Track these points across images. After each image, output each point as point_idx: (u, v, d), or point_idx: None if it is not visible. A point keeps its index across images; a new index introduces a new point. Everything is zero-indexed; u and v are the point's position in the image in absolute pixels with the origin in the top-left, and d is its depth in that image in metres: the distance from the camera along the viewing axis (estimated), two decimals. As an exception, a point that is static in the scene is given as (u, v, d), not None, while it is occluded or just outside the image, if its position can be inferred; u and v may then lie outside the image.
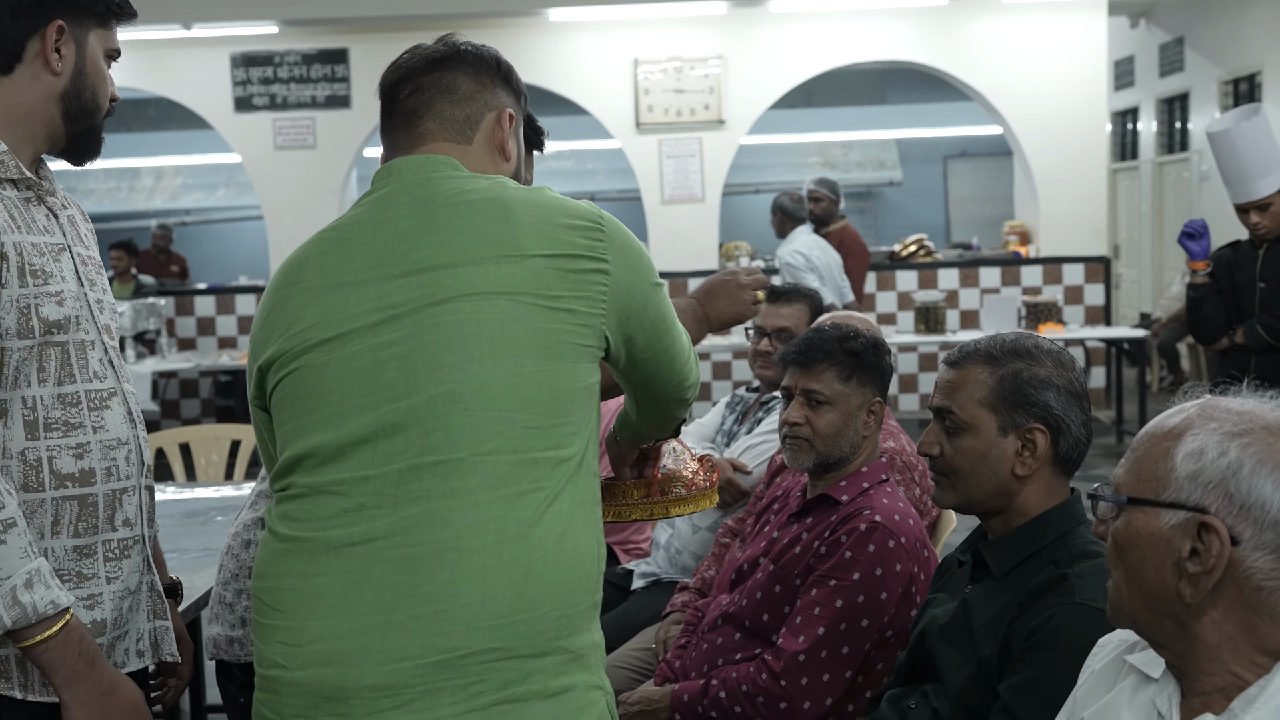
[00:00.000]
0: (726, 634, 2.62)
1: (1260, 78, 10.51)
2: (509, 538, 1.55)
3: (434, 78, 1.78)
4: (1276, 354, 4.64)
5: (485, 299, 1.59)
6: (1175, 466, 1.35)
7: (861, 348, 2.61)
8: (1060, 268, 10.13)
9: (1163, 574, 1.35)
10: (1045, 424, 1.93)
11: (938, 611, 2.02)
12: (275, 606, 1.61)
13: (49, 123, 1.87)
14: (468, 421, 1.56)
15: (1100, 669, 1.55)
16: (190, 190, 16.50)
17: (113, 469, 1.84)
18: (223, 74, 10.10)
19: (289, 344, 1.66)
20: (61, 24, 1.84)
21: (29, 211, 1.83)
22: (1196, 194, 11.76)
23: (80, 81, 1.87)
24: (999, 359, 1.96)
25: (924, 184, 17.36)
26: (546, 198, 1.70)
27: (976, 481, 1.96)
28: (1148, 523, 1.36)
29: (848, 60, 10.16)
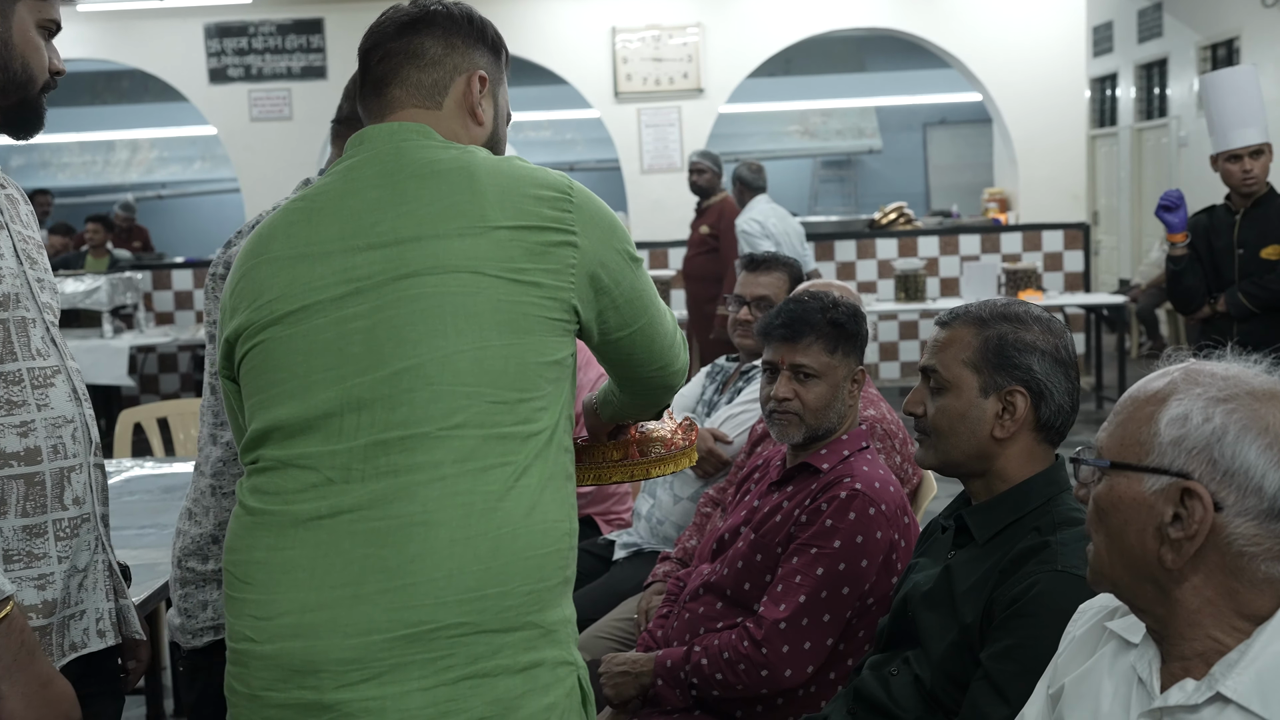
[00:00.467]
0: (708, 603, 2.62)
1: (1238, 43, 10.51)
2: (476, 512, 1.55)
3: (402, 43, 1.75)
4: (1259, 320, 4.65)
5: (450, 274, 1.58)
6: (1159, 431, 1.34)
7: (844, 317, 2.60)
8: (1040, 235, 10.15)
9: (1144, 539, 1.35)
10: (1026, 387, 1.93)
11: (920, 577, 2.02)
12: (245, 580, 1.61)
13: None
14: (433, 396, 1.56)
15: (1081, 635, 1.55)
16: (166, 163, 16.36)
17: (59, 447, 1.81)
18: (197, 45, 10.01)
19: (255, 315, 1.66)
20: None
21: None
22: (1175, 160, 11.79)
23: (7, 53, 1.80)
24: (987, 321, 1.97)
25: (904, 151, 17.34)
26: (514, 167, 1.67)
27: (955, 441, 1.96)
28: (1130, 487, 1.36)
29: (827, 28, 10.12)
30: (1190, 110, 11.45)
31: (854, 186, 17.44)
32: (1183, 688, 1.34)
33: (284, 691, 1.56)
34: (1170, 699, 1.34)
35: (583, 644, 3.09)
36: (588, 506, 3.93)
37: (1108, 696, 1.43)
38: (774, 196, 8.29)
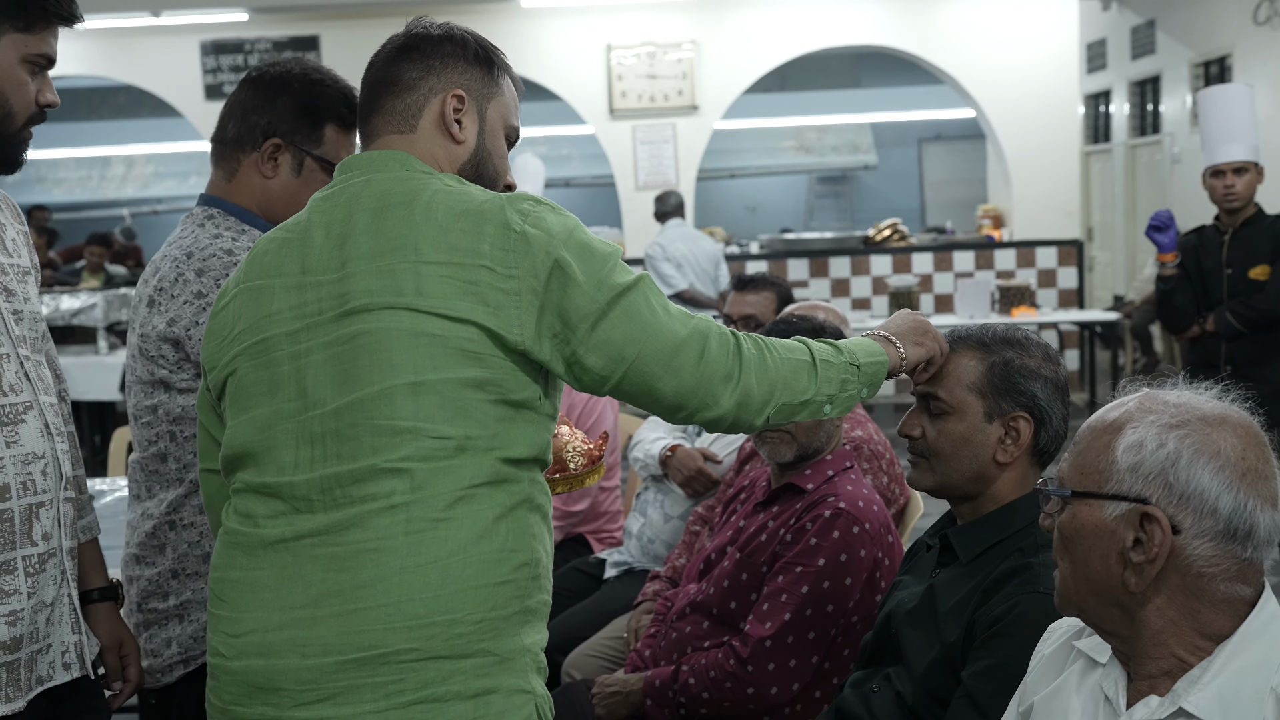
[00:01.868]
0: (695, 622, 2.64)
1: (1230, 60, 10.56)
2: (425, 540, 1.57)
3: (383, 72, 1.77)
4: (1247, 339, 4.67)
5: (386, 310, 1.59)
6: (1116, 459, 1.39)
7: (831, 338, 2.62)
8: (1033, 251, 10.18)
9: (1108, 563, 1.39)
10: (1030, 413, 1.96)
11: (904, 595, 2.04)
12: (221, 597, 1.67)
13: None
14: (375, 430, 1.58)
15: (1049, 654, 1.59)
16: (162, 178, 16.40)
17: (28, 483, 1.81)
18: (193, 61, 10.05)
19: (229, 347, 1.72)
20: None
21: None
22: (1168, 176, 11.83)
23: None
24: (990, 346, 1.98)
25: (899, 167, 17.41)
26: (461, 200, 1.64)
27: (957, 465, 1.98)
28: (1091, 514, 1.40)
29: (821, 45, 10.17)
30: (1184, 127, 11.50)
31: (849, 202, 17.50)
32: (1147, 704, 1.38)
33: (248, 707, 1.61)
34: (1135, 715, 1.39)
35: (574, 662, 3.11)
36: (580, 525, 3.94)
37: (1075, 714, 1.47)
38: (769, 212, 8.36)
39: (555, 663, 3.19)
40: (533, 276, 1.60)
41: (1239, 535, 1.34)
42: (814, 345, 1.79)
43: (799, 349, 1.76)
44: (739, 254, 10.46)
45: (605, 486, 4.00)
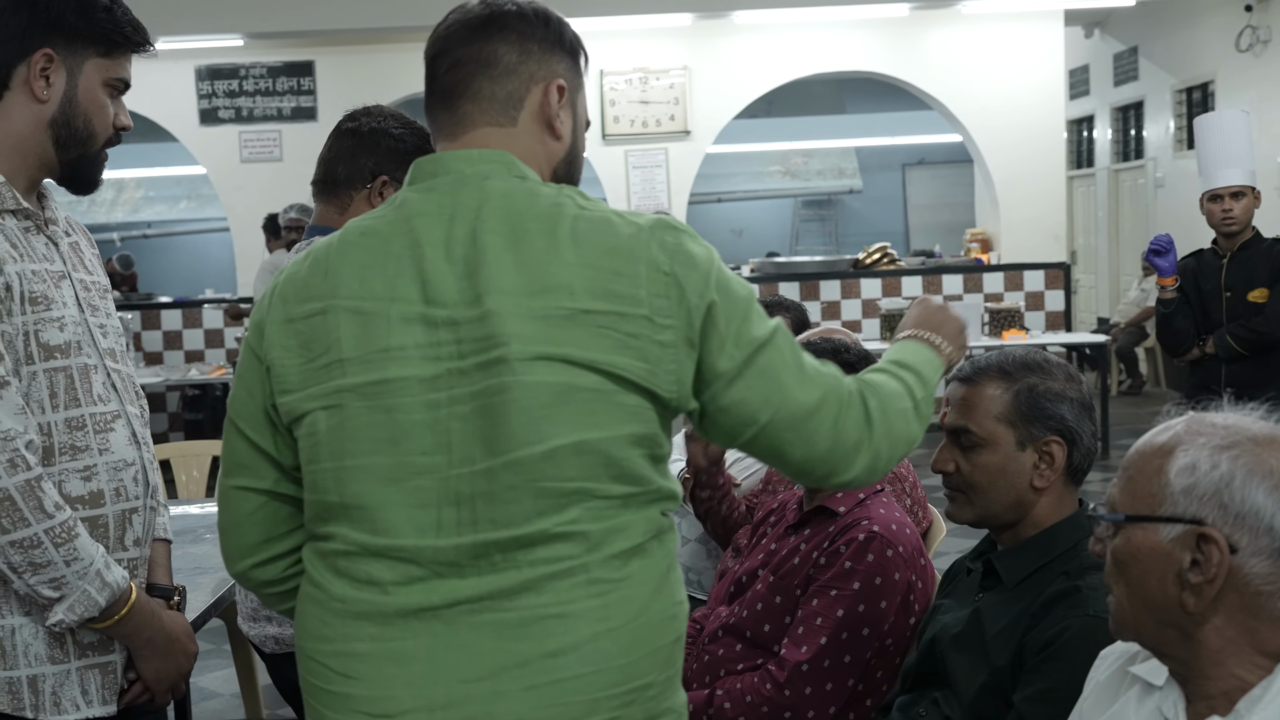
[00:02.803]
0: (728, 645, 2.67)
1: (1213, 86, 10.71)
2: (613, 603, 1.48)
3: (473, 49, 1.56)
4: (1246, 362, 4.74)
5: (541, 361, 1.43)
6: (1170, 482, 1.41)
7: (855, 359, 2.67)
8: (1021, 274, 10.27)
9: (1165, 586, 1.41)
10: (1062, 436, 1.98)
11: (949, 619, 2.06)
12: (345, 673, 1.50)
13: (41, 150, 1.86)
14: (540, 494, 1.45)
15: (1104, 680, 1.60)
16: (152, 203, 16.38)
17: (121, 490, 1.88)
18: (188, 87, 10.07)
19: (326, 375, 1.50)
20: (49, 52, 1.83)
21: (28, 240, 1.84)
22: (1152, 201, 11.96)
23: (71, 110, 1.86)
24: (1013, 374, 2.01)
25: (883, 191, 17.52)
26: (602, 231, 1.49)
27: (996, 495, 2.00)
28: (1147, 538, 1.42)
29: (811, 70, 10.26)
30: (1166, 152, 11.64)
31: (834, 226, 17.60)
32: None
33: None
34: None
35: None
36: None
37: None
38: (756, 236, 8.45)
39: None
40: (688, 326, 1.48)
41: None
42: (910, 383, 1.69)
43: (902, 394, 1.65)
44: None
45: None
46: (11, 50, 1.82)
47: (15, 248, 1.80)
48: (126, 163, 15.31)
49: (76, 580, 1.74)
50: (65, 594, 1.74)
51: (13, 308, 1.76)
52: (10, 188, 1.83)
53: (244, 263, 10.07)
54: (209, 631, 4.40)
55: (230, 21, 9.14)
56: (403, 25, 9.07)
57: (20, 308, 1.77)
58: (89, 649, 1.84)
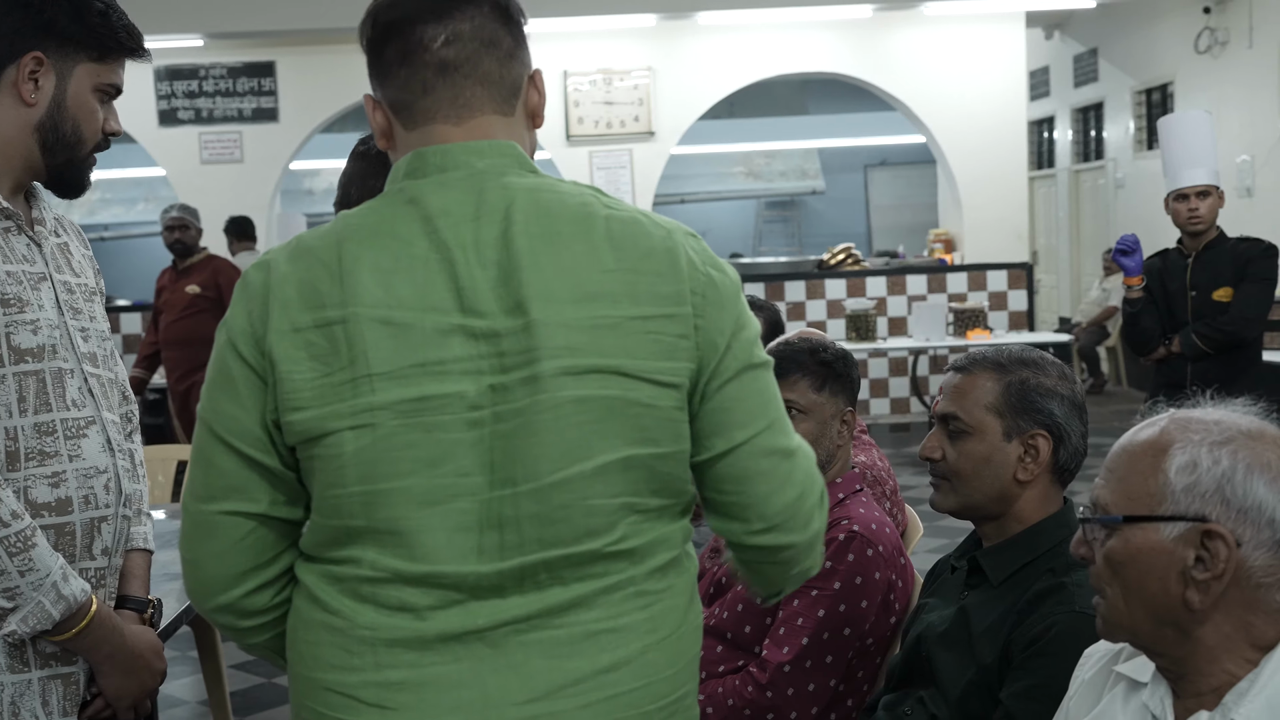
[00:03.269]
0: (709, 647, 2.64)
1: (1172, 88, 10.82)
2: (658, 614, 1.45)
3: (473, 25, 1.45)
4: (1211, 360, 4.78)
5: (588, 374, 1.37)
6: (1170, 480, 1.40)
7: (833, 358, 2.66)
8: (984, 274, 10.33)
9: (1167, 585, 1.40)
10: (1048, 431, 1.99)
11: (934, 617, 2.06)
12: (380, 704, 1.40)
13: (27, 154, 1.84)
14: (589, 512, 1.39)
15: (1089, 679, 1.61)
16: (109, 205, 16.20)
17: (90, 497, 1.84)
18: (147, 87, 9.97)
19: (354, 391, 1.37)
20: (39, 55, 1.81)
21: (7, 240, 1.82)
22: (1112, 201, 12.07)
23: (59, 114, 1.84)
24: (1006, 367, 2.02)
25: (845, 192, 17.60)
26: (635, 232, 1.42)
27: (979, 484, 2.01)
28: (1147, 538, 1.41)
29: (775, 71, 10.29)
30: (1127, 153, 11.75)
31: (797, 226, 17.66)
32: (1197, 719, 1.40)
33: None
34: None
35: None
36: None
37: None
38: (719, 236, 8.45)
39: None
40: (719, 332, 1.43)
41: None
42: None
43: None
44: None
45: None
46: (1, 52, 1.80)
47: None
48: (84, 164, 15.11)
49: (31, 591, 1.70)
50: (19, 604, 1.70)
51: None
52: None
53: (205, 265, 9.98)
54: (176, 638, 4.36)
55: (190, 21, 9.05)
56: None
57: None
58: (51, 659, 1.80)
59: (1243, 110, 9.56)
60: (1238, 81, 9.65)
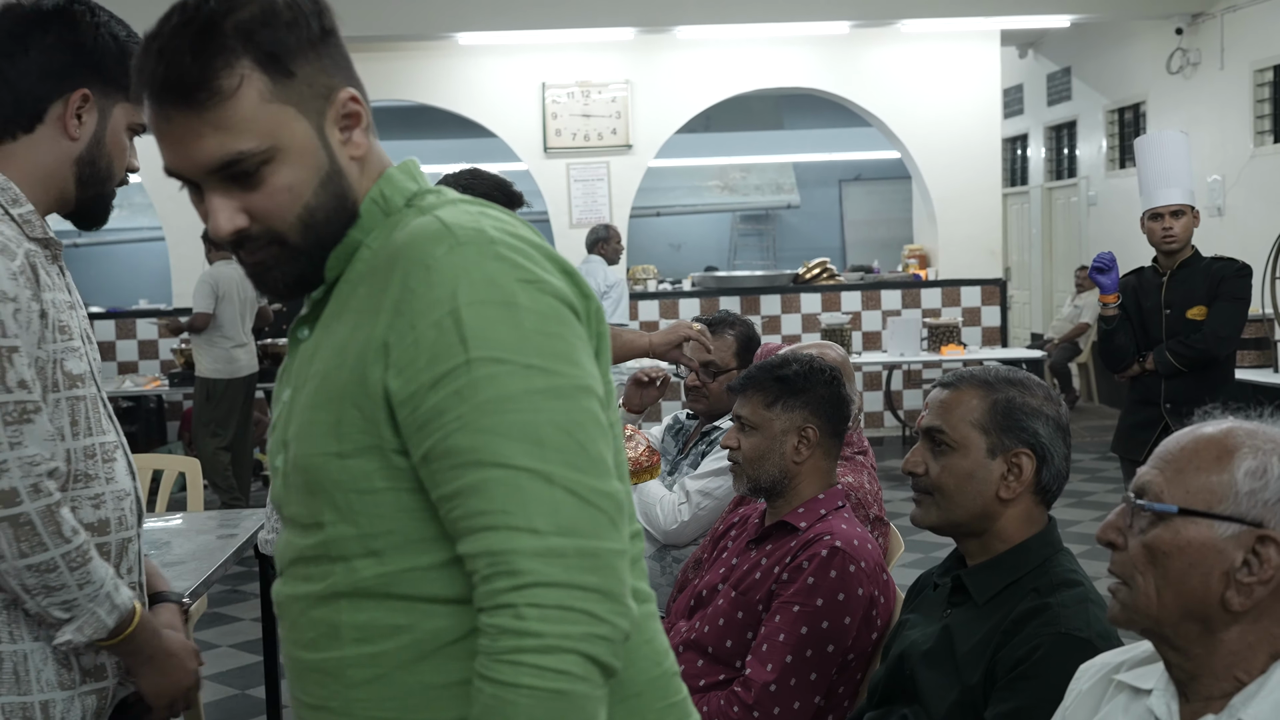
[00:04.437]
0: (689, 660, 2.66)
1: (1144, 107, 10.92)
2: None
3: None
4: (1185, 378, 4.82)
5: None
6: (1236, 482, 1.43)
7: (792, 374, 2.66)
8: (958, 290, 10.40)
9: (1209, 581, 1.42)
10: (1032, 450, 2.01)
11: (917, 635, 2.07)
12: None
13: (63, 185, 1.90)
14: None
15: (1087, 689, 1.62)
16: (82, 211, 16.06)
17: (122, 519, 1.90)
18: (121, 94, 9.91)
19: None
20: (86, 92, 1.87)
21: (49, 269, 1.84)
22: (1085, 218, 12.17)
23: (97, 149, 1.91)
24: (994, 385, 2.04)
25: (820, 207, 17.66)
26: None
27: (961, 500, 2.02)
28: (1200, 532, 1.43)
29: (753, 86, 10.33)
30: (1099, 171, 11.86)
31: (772, 241, 17.70)
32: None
33: None
34: None
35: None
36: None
37: None
38: (694, 250, 8.50)
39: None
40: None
41: None
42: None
43: None
44: (671, 291, 10.54)
45: None
46: (51, 87, 1.86)
47: (47, 275, 1.82)
48: (56, 170, 14.99)
49: (87, 603, 1.77)
50: (75, 615, 1.78)
51: (45, 335, 1.78)
52: (39, 216, 1.86)
53: (179, 273, 9.92)
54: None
55: (167, 28, 9.00)
56: (343, 34, 9.00)
57: (51, 335, 1.79)
58: (89, 675, 1.86)
59: (1214, 130, 9.66)
60: (1209, 102, 9.75)
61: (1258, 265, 7.36)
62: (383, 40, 9.49)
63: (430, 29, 9.32)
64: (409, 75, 9.99)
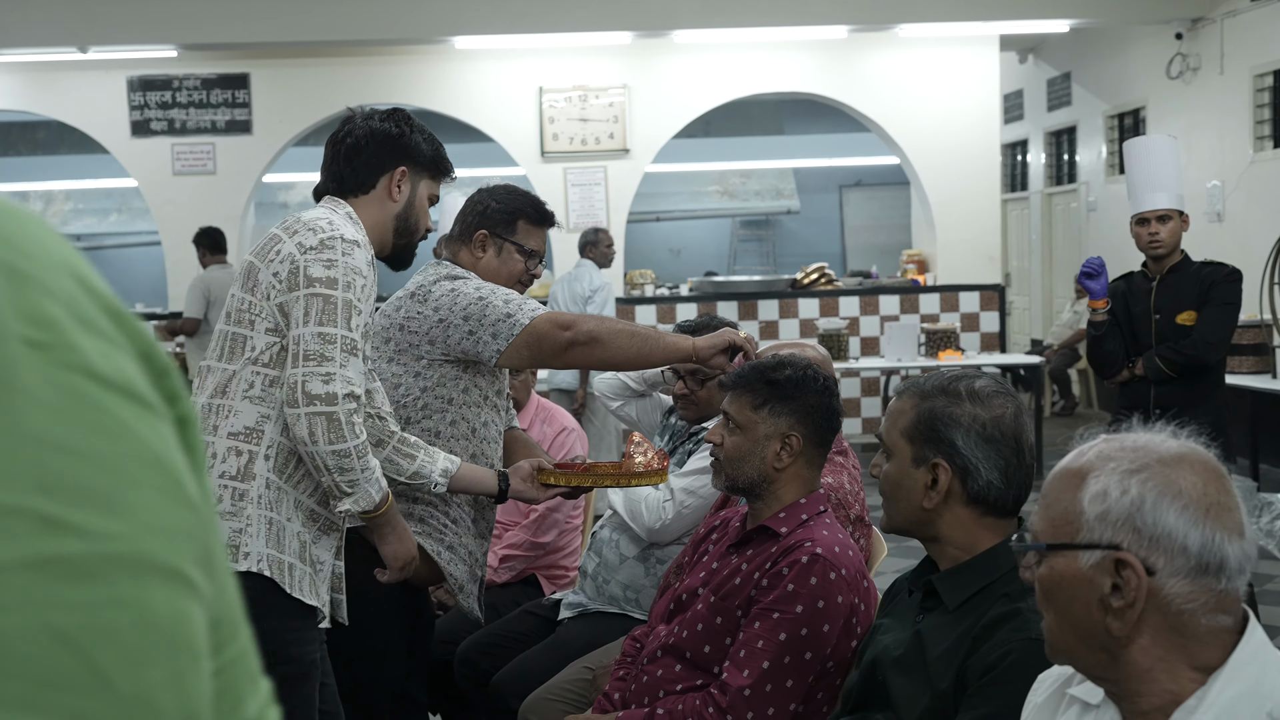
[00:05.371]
0: (667, 665, 2.64)
1: (1144, 112, 10.90)
2: None
3: None
4: (1174, 383, 4.80)
5: None
6: (1084, 509, 1.43)
7: (784, 379, 2.63)
8: (957, 295, 10.38)
9: (1089, 611, 1.43)
10: (950, 462, 2.01)
11: (889, 640, 2.06)
12: None
13: (383, 235, 2.66)
14: None
15: (1041, 703, 1.62)
16: (81, 215, 16.06)
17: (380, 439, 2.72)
18: (119, 98, 9.91)
19: None
20: (404, 169, 2.64)
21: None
22: (1085, 224, 12.14)
23: (409, 210, 2.66)
24: (927, 394, 2.06)
25: (820, 212, 17.62)
26: None
27: (897, 507, 2.08)
28: (1068, 565, 1.44)
29: (750, 91, 10.31)
30: (1099, 176, 11.83)
31: (772, 246, 17.66)
32: None
33: None
34: None
35: (532, 706, 3.09)
36: (537, 563, 3.95)
37: None
38: (694, 255, 8.50)
39: (512, 708, 3.17)
40: None
41: (1211, 569, 1.38)
42: None
43: None
44: (669, 296, 10.52)
45: (571, 520, 4.01)
46: (381, 165, 2.63)
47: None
48: (56, 174, 15.03)
49: (364, 484, 2.43)
50: (354, 492, 2.43)
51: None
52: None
53: (175, 277, 9.91)
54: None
55: (164, 32, 9.00)
56: (339, 39, 9.00)
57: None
58: (312, 565, 2.50)
59: (1213, 136, 9.63)
60: (1209, 107, 9.73)
61: (1257, 271, 7.35)
62: (378, 44, 9.48)
63: (426, 33, 9.31)
64: (405, 79, 9.99)
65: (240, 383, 2.44)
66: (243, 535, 2.41)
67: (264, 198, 12.78)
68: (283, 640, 2.43)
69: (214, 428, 2.45)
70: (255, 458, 2.43)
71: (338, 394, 2.36)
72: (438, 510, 2.91)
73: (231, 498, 2.42)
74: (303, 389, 2.36)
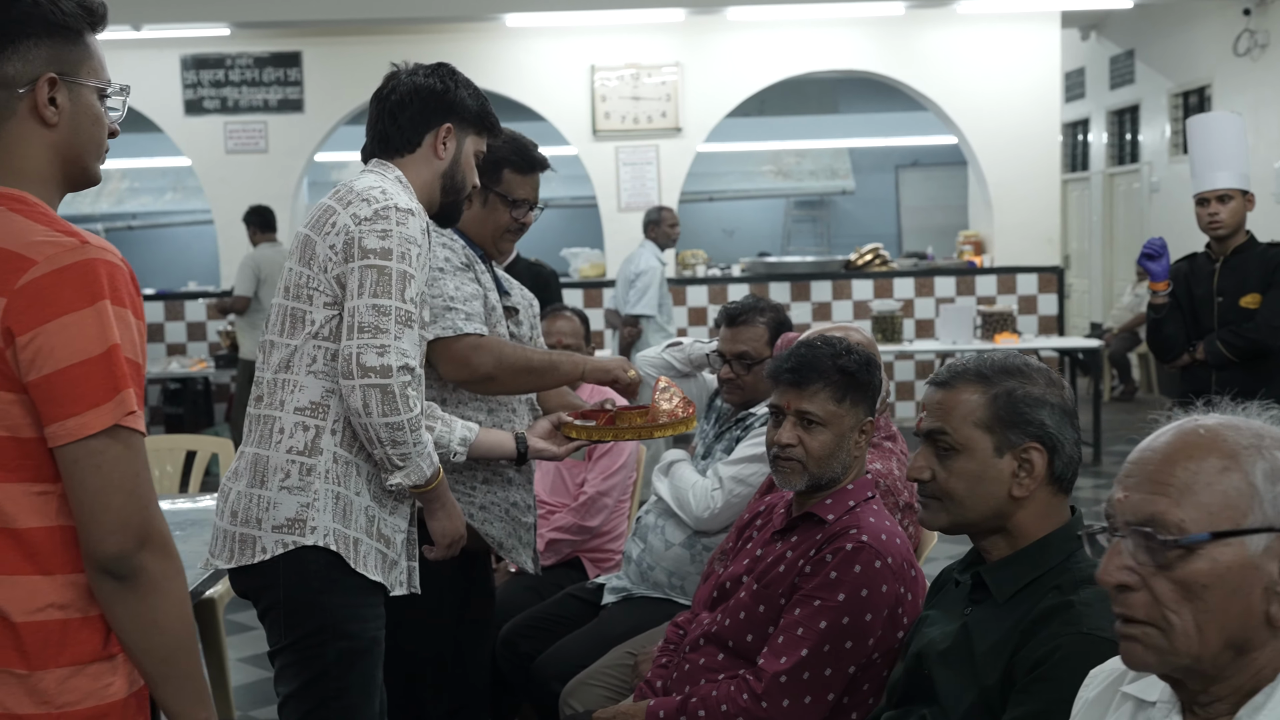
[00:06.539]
0: (709, 654, 2.58)
1: (1210, 90, 10.64)
2: None
3: None
4: (1236, 369, 4.65)
5: None
6: (1257, 489, 1.30)
7: (855, 365, 2.54)
8: (1014, 277, 10.21)
9: (1250, 602, 1.30)
10: (1041, 443, 1.90)
11: (935, 633, 1.98)
12: None
13: (431, 194, 2.63)
14: None
15: (1093, 698, 1.53)
16: (137, 194, 16.22)
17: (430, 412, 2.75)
18: (173, 76, 9.95)
19: None
20: (450, 126, 2.62)
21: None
22: (1147, 205, 11.89)
23: (455, 168, 2.65)
24: (991, 378, 1.93)
25: (876, 193, 17.43)
26: None
27: (973, 504, 1.92)
28: (1235, 554, 1.29)
29: (805, 69, 10.18)
30: (1162, 156, 11.58)
31: (827, 227, 17.50)
32: None
33: None
34: None
35: (573, 691, 3.05)
36: (582, 546, 3.91)
37: None
38: (747, 236, 8.45)
39: (553, 691, 3.12)
40: None
41: None
42: None
43: None
44: (720, 277, 10.43)
45: (621, 504, 3.96)
46: (427, 122, 2.61)
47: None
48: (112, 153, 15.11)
49: (416, 458, 2.41)
50: (406, 465, 2.41)
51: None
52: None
53: (227, 255, 9.96)
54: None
55: (217, 10, 9.02)
56: (390, 16, 8.96)
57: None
58: (381, 540, 2.49)
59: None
60: (1277, 85, 9.47)
61: (1323, 253, 7.13)
62: (430, 22, 9.45)
63: (478, 10, 9.26)
64: (455, 57, 9.87)
65: (303, 357, 2.43)
66: (310, 509, 2.41)
67: (316, 176, 12.82)
68: (344, 615, 2.43)
69: (280, 403, 2.44)
70: (322, 432, 2.42)
71: (392, 366, 2.34)
72: (465, 471, 2.87)
73: (299, 472, 2.41)
74: (357, 360, 2.34)
